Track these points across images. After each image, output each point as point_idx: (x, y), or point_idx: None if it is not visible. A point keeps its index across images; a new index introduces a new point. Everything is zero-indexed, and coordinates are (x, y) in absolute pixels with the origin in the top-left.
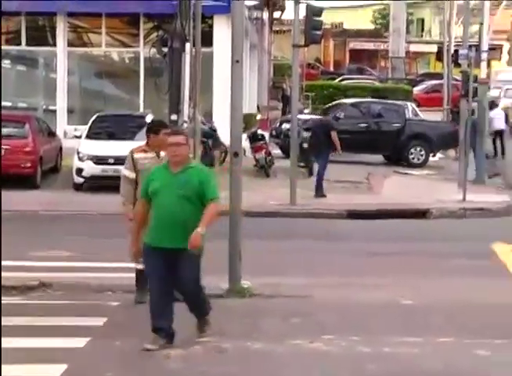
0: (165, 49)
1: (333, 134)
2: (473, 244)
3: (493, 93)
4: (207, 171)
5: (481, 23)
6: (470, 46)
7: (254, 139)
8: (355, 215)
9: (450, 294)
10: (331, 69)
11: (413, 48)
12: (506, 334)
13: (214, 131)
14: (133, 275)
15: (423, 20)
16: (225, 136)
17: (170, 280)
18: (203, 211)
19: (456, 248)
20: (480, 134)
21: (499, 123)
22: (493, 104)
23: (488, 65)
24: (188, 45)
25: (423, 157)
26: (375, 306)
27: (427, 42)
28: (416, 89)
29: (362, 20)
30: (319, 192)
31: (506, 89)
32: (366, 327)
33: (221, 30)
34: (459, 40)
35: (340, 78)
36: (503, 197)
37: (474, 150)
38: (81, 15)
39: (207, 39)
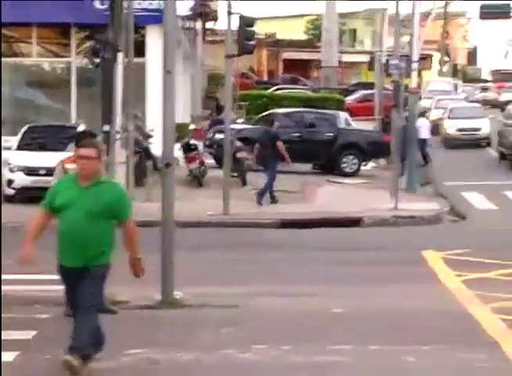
0: (97, 60)
1: (280, 144)
2: (404, 252)
3: (424, 103)
4: (118, 188)
5: (411, 34)
6: (401, 56)
7: (187, 149)
8: (288, 224)
9: (381, 301)
10: (265, 79)
11: (346, 58)
12: (434, 340)
13: (149, 136)
14: (62, 287)
15: (355, 31)
16: (158, 146)
17: None
18: (124, 235)
19: (388, 256)
20: (411, 143)
21: (424, 132)
22: (419, 114)
23: (419, 75)
24: (120, 55)
25: (356, 166)
26: (306, 315)
27: (360, 52)
28: (349, 99)
29: (295, 30)
30: (272, 199)
31: (438, 100)
32: (298, 336)
33: (154, 40)
34: (391, 50)
35: (274, 88)
36: (434, 204)
37: (405, 159)
38: (12, 25)
39: (140, 49)
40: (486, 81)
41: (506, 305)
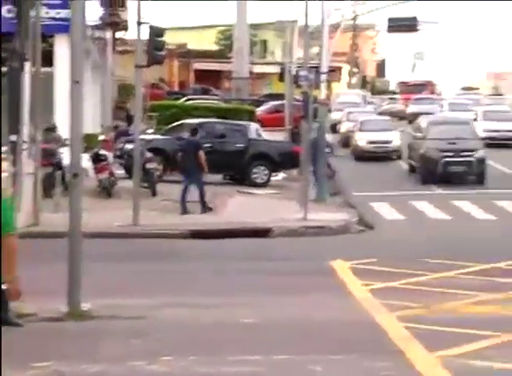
0: (4, 68)
1: (201, 154)
2: (313, 262)
3: (335, 116)
4: None
5: (321, 46)
6: (311, 68)
7: (96, 159)
8: (198, 234)
9: (290, 311)
10: (176, 89)
11: (257, 69)
12: (341, 349)
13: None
14: None
15: (266, 42)
16: (67, 157)
17: None
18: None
19: (297, 266)
20: (320, 154)
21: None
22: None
23: (328, 86)
24: (27, 65)
25: (266, 176)
26: (215, 325)
27: (270, 63)
28: (260, 110)
29: (206, 41)
30: (204, 207)
31: (348, 112)
32: (206, 347)
33: (62, 49)
34: (301, 61)
35: (185, 98)
36: (343, 215)
37: (314, 170)
38: None
39: (48, 59)
40: (394, 93)
41: (411, 313)
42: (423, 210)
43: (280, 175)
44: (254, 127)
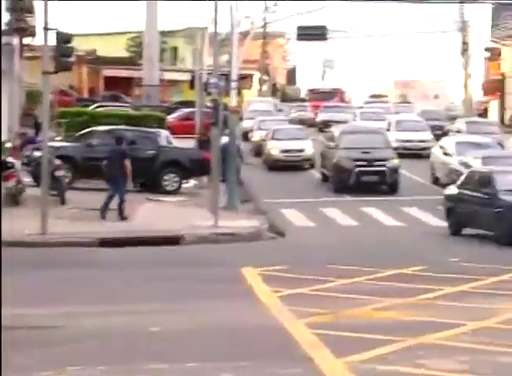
0: None
1: (127, 162)
2: (223, 269)
3: (246, 124)
4: None
5: (230, 53)
6: (221, 75)
7: (3, 167)
8: (107, 242)
9: (199, 318)
10: (86, 96)
11: (167, 76)
12: (251, 355)
13: None
14: None
15: (176, 49)
16: None
17: None
18: None
19: (207, 273)
20: (231, 161)
21: None
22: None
23: (239, 94)
24: None
25: (177, 183)
26: (123, 333)
27: (181, 71)
28: (170, 117)
29: (116, 48)
30: (122, 215)
31: (260, 121)
32: (114, 356)
33: None
34: (211, 69)
35: (95, 105)
36: (253, 222)
37: (225, 177)
38: None
39: None
40: (303, 101)
41: (319, 319)
42: (334, 217)
43: (191, 183)
44: (164, 134)
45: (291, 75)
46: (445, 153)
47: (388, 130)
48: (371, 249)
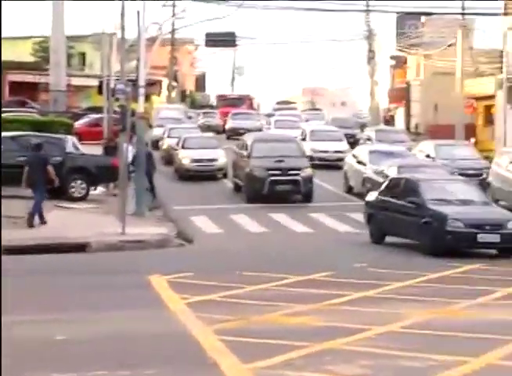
0: None
1: (50, 168)
2: (130, 276)
3: (157, 132)
4: None
5: (138, 59)
6: (128, 81)
7: None
8: (13, 250)
9: (106, 326)
10: None
11: (75, 81)
12: (157, 363)
13: None
14: None
15: (84, 54)
16: None
17: None
18: None
19: (114, 281)
20: (139, 168)
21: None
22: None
23: (148, 100)
24: None
25: (85, 190)
26: (28, 342)
27: (89, 76)
28: (78, 123)
29: (21, 52)
30: (41, 219)
31: (170, 129)
32: (18, 365)
33: None
34: (119, 74)
35: None
36: (162, 229)
37: (134, 184)
38: None
39: None
40: (213, 107)
41: (227, 325)
42: (243, 223)
43: (99, 189)
44: (70, 140)
45: (200, 82)
46: (359, 162)
47: (304, 139)
48: (280, 255)
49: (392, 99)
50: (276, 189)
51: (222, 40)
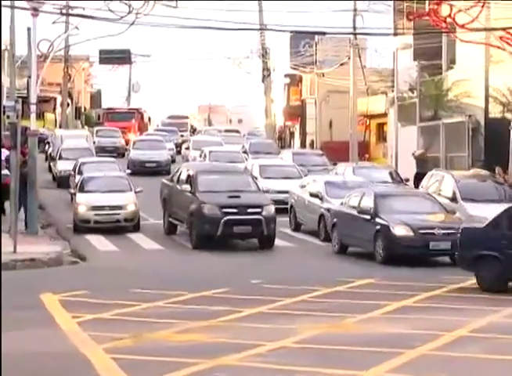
0: None
1: None
2: (21, 296)
3: (63, 166)
4: None
5: (29, 76)
6: (19, 98)
7: None
8: None
9: None
10: None
11: None
12: None
13: None
14: None
15: None
16: None
17: None
18: None
19: (4, 300)
20: (31, 185)
21: None
22: None
23: (41, 117)
24: None
25: None
26: None
27: None
28: None
29: None
30: None
31: (81, 163)
32: None
33: None
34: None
35: None
36: (55, 247)
37: (23, 202)
38: None
39: None
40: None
41: (119, 344)
42: (138, 241)
43: None
44: None
45: (96, 98)
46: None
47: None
48: (174, 273)
49: (288, 117)
50: (234, 230)
51: (117, 57)
